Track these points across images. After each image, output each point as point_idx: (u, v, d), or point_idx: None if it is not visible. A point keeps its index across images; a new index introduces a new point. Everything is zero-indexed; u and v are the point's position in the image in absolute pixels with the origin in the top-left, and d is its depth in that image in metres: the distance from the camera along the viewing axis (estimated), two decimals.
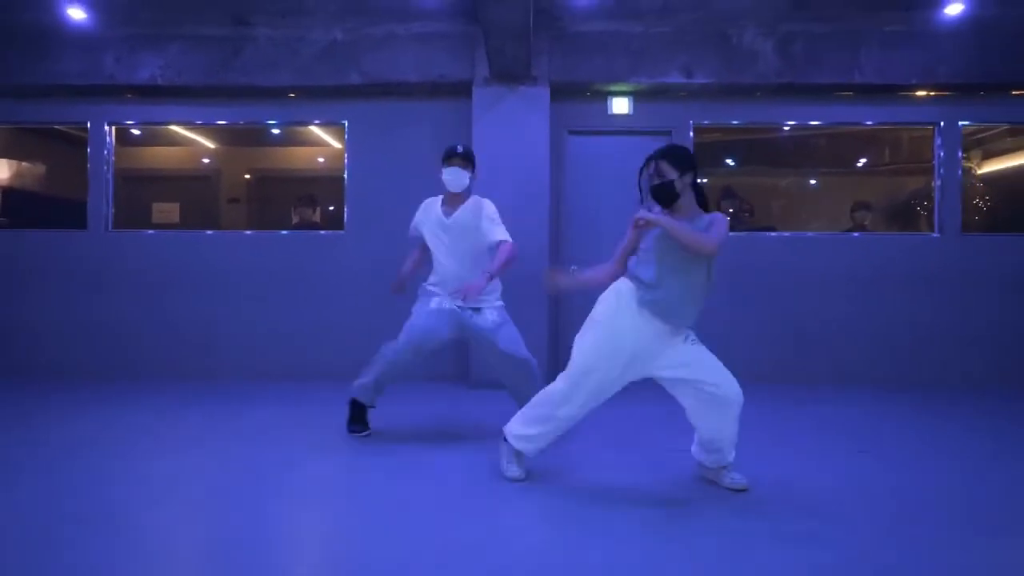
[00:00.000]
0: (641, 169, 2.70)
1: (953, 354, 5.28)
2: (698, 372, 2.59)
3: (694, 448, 2.80)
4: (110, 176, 5.56)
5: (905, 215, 6.63)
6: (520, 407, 3.52)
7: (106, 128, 5.53)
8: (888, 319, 5.31)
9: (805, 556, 2.03)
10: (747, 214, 5.83)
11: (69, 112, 5.57)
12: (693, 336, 2.67)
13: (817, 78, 5.18)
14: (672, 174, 2.60)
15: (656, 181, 2.63)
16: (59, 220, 5.67)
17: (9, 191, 6.23)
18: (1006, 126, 5.88)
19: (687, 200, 2.64)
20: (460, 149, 3.45)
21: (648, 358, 2.61)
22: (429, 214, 3.55)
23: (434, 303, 3.40)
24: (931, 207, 5.53)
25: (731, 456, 2.70)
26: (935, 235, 5.41)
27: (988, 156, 6.94)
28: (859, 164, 6.97)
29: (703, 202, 2.69)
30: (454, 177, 3.42)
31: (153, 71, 5.27)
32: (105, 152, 5.54)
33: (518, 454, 2.81)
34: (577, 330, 2.73)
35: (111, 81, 5.29)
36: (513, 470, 2.79)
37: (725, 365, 2.65)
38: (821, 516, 2.38)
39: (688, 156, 2.64)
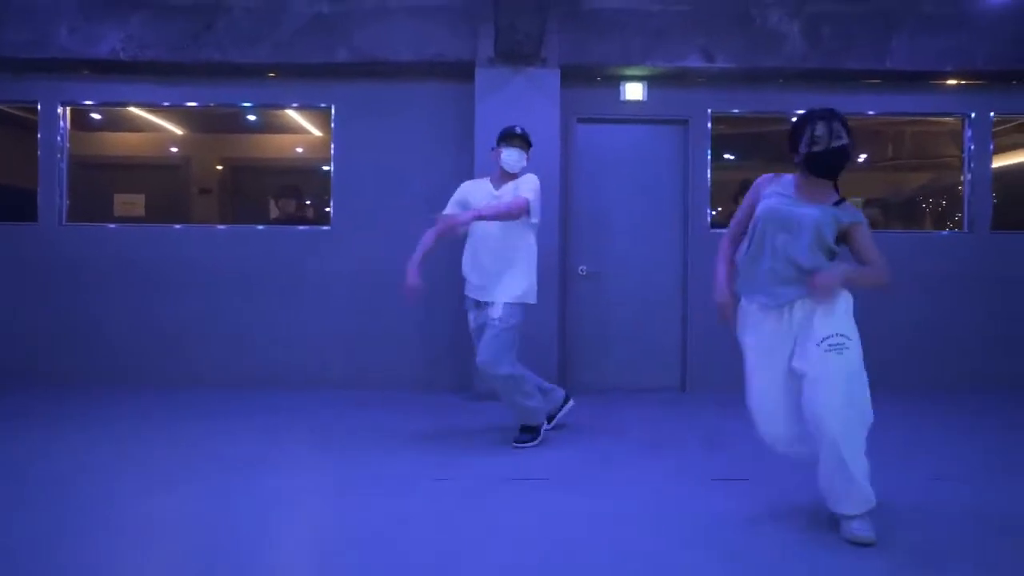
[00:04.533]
0: (801, 127, 2.28)
1: (989, 356, 4.98)
2: (807, 383, 2.18)
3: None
4: (64, 164, 4.94)
5: (919, 212, 6.33)
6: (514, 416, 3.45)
7: (59, 109, 4.91)
8: (917, 320, 4.99)
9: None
10: None
11: (14, 89, 4.92)
12: (833, 341, 2.18)
13: (846, 63, 4.81)
14: (847, 138, 2.22)
15: (837, 143, 2.21)
16: (4, 212, 5.03)
17: None
18: None
19: None
20: (519, 130, 3.44)
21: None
22: (480, 189, 3.49)
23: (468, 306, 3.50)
24: (953, 204, 5.24)
25: (843, 508, 2.19)
26: (965, 233, 5.10)
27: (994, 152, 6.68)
28: (880, 158, 6.64)
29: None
30: (514, 158, 3.40)
31: (113, 44, 4.67)
32: (58, 137, 4.92)
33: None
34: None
35: (65, 55, 4.68)
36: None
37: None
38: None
39: None
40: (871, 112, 5.17)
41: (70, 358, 4.85)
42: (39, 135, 4.90)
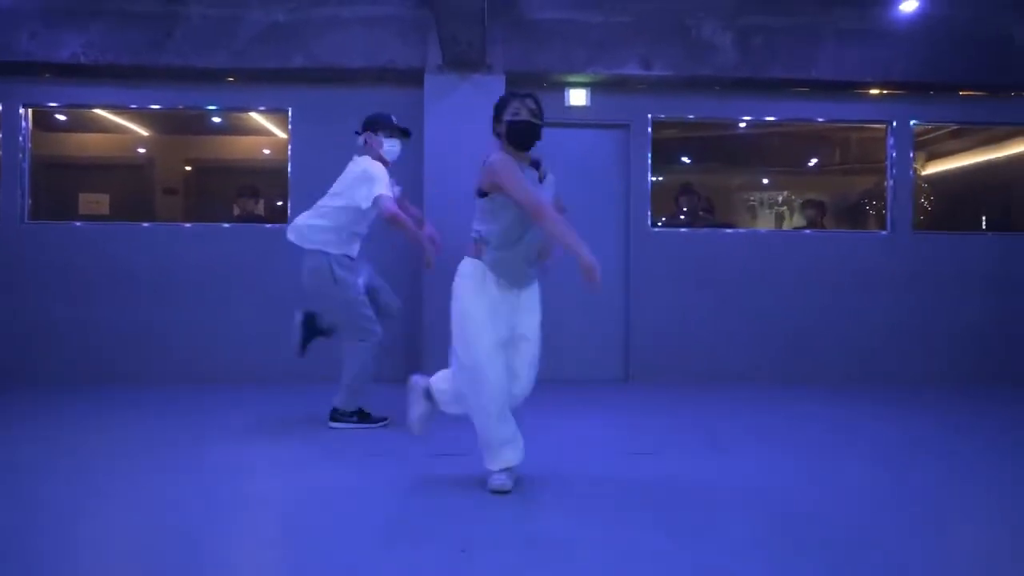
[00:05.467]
0: (507, 101, 2.59)
1: (907, 350, 5.32)
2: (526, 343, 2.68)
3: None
4: (26, 164, 5.09)
5: (856, 214, 6.70)
6: None
7: (21, 111, 5.06)
8: (841, 315, 5.32)
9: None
10: (706, 211, 5.76)
11: None
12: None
13: (775, 72, 5.13)
14: (540, 120, 2.59)
15: (532, 119, 2.55)
16: None
17: None
18: (954, 126, 5.98)
19: None
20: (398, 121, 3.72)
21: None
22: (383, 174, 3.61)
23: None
24: (881, 206, 5.58)
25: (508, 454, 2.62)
26: (887, 233, 5.44)
27: (932, 158, 7.10)
28: (813, 163, 7.02)
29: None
30: (397, 148, 3.70)
31: (74, 49, 4.84)
32: (20, 138, 5.07)
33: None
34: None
35: (27, 59, 4.84)
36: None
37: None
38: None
39: None
40: (819, 119, 5.49)
41: (30, 355, 4.99)
42: (0, 136, 5.05)
